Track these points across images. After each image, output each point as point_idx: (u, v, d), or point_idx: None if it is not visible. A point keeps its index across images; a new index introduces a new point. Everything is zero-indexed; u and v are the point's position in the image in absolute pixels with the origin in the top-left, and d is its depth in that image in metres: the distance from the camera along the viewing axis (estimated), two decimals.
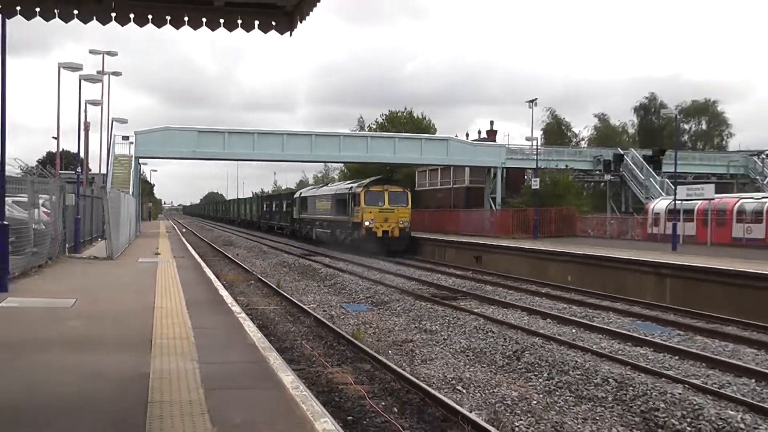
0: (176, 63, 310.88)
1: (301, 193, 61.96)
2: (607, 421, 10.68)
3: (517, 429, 10.13)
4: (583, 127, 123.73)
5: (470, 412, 10.47)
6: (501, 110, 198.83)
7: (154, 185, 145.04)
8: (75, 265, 24.01)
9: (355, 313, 20.59)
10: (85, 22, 7.86)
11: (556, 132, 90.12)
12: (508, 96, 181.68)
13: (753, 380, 12.94)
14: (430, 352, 15.28)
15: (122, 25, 7.94)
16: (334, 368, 13.32)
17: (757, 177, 65.67)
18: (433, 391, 11.38)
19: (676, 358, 14.79)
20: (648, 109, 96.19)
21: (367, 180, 47.24)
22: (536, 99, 55.00)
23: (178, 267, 24.31)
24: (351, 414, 10.50)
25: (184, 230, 79.44)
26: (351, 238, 45.07)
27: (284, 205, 68.08)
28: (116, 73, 52.07)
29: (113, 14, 7.90)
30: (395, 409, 10.81)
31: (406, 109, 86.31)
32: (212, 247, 50.00)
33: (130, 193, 48.17)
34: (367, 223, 42.57)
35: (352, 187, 46.16)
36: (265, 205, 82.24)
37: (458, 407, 10.46)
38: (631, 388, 11.93)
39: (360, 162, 66.87)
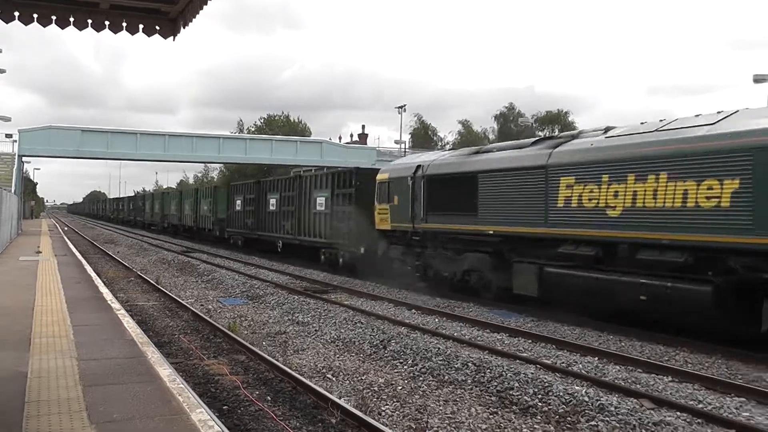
0: (61, 63, 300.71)
1: (433, 165, 22.45)
2: (466, 401, 10.86)
3: (383, 413, 10.19)
4: (448, 132, 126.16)
5: (339, 398, 10.47)
6: (371, 115, 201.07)
7: (36, 183, 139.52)
8: None
9: (232, 306, 20.32)
10: None
11: (423, 136, 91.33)
12: (377, 102, 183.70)
13: (596, 358, 13.43)
14: (302, 342, 15.21)
15: (6, 23, 7.70)
16: (210, 360, 13.12)
17: None
18: (304, 380, 11.33)
19: (530, 341, 15.17)
20: (507, 117, 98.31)
21: None
22: (405, 105, 55.71)
23: (60, 265, 23.54)
24: (226, 403, 10.36)
25: (66, 228, 76.57)
26: None
27: (325, 202, 29.49)
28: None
29: None
30: (269, 398, 10.73)
31: (283, 113, 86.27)
32: (93, 244, 48.40)
33: (13, 191, 46.33)
34: None
35: None
36: (244, 201, 40.23)
37: (328, 394, 10.44)
38: (488, 370, 12.15)
39: (239, 163, 66.13)
